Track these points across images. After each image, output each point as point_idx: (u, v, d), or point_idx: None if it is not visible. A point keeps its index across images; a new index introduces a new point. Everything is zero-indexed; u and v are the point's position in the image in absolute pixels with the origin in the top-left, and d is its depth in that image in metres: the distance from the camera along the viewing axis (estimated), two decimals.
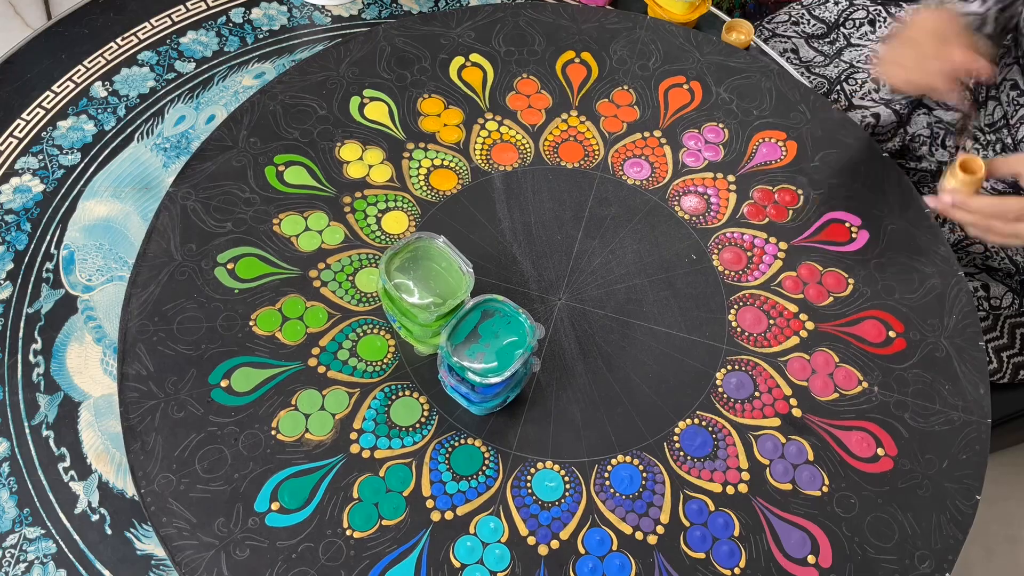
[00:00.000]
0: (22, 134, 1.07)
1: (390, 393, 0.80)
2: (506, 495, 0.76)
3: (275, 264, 0.85)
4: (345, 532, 0.73)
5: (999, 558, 1.48)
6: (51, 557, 0.84)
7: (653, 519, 0.76)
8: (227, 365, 0.78)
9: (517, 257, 0.88)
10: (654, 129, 0.99)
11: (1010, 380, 1.09)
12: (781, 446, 0.81)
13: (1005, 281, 1.09)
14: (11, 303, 0.96)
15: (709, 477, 0.79)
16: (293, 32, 1.18)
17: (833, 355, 0.86)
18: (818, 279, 0.90)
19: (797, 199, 0.96)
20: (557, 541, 0.75)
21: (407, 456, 0.77)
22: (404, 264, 0.76)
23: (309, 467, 0.75)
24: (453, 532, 0.74)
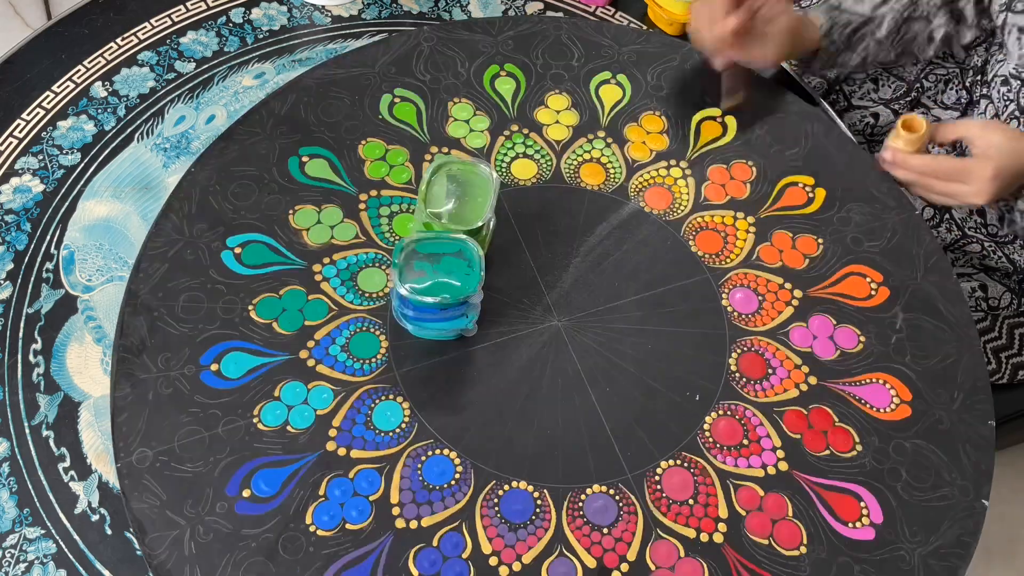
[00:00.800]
0: (22, 134, 1.07)
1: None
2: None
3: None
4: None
5: (999, 558, 1.48)
6: (51, 557, 0.84)
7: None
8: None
9: (503, 288, 0.87)
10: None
11: (1009, 381, 1.09)
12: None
13: (1003, 281, 1.09)
14: (11, 303, 0.97)
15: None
16: (293, 32, 1.18)
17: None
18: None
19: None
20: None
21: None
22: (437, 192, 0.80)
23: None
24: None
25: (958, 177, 0.88)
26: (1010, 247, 1.07)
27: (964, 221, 1.09)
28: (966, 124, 0.90)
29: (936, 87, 1.14)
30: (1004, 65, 0.99)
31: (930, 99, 1.15)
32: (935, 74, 1.14)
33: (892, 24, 1.00)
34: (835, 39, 0.99)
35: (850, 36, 0.99)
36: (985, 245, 1.08)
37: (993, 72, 1.01)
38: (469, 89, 0.99)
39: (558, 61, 1.03)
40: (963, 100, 1.12)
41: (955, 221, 1.09)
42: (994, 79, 1.01)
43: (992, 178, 0.86)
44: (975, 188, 0.87)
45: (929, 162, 0.90)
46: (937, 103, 1.14)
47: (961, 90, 1.11)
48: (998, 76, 1.00)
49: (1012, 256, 1.07)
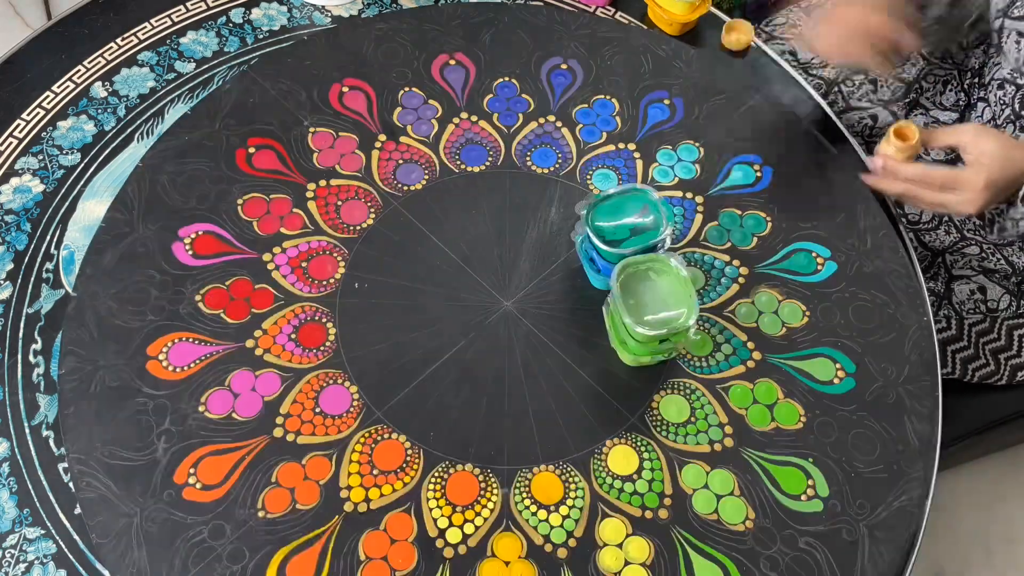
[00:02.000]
0: (22, 134, 1.07)
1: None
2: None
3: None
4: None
5: (999, 558, 1.48)
6: (51, 557, 0.84)
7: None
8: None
9: (470, 257, 0.88)
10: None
11: (1008, 382, 1.09)
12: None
13: (1002, 283, 1.09)
14: (11, 303, 0.97)
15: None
16: (293, 32, 1.18)
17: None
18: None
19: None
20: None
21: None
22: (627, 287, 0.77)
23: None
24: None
25: (950, 186, 0.88)
26: (1008, 249, 1.07)
27: (963, 224, 1.09)
28: (958, 131, 0.89)
29: (935, 88, 1.14)
30: (1000, 69, 0.99)
31: (929, 100, 1.15)
32: (934, 75, 1.14)
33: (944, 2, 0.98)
34: None
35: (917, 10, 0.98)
36: (984, 247, 1.08)
37: (990, 75, 1.01)
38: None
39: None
40: (961, 102, 1.11)
41: (954, 223, 1.09)
42: (991, 82, 1.00)
43: (984, 188, 0.86)
44: (967, 197, 0.87)
45: (920, 171, 0.89)
46: (936, 104, 1.14)
47: (960, 92, 1.11)
48: (995, 79, 1.00)
49: (1011, 258, 1.07)
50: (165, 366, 0.78)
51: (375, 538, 0.74)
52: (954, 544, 1.45)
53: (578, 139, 0.97)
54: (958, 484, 1.42)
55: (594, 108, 1.00)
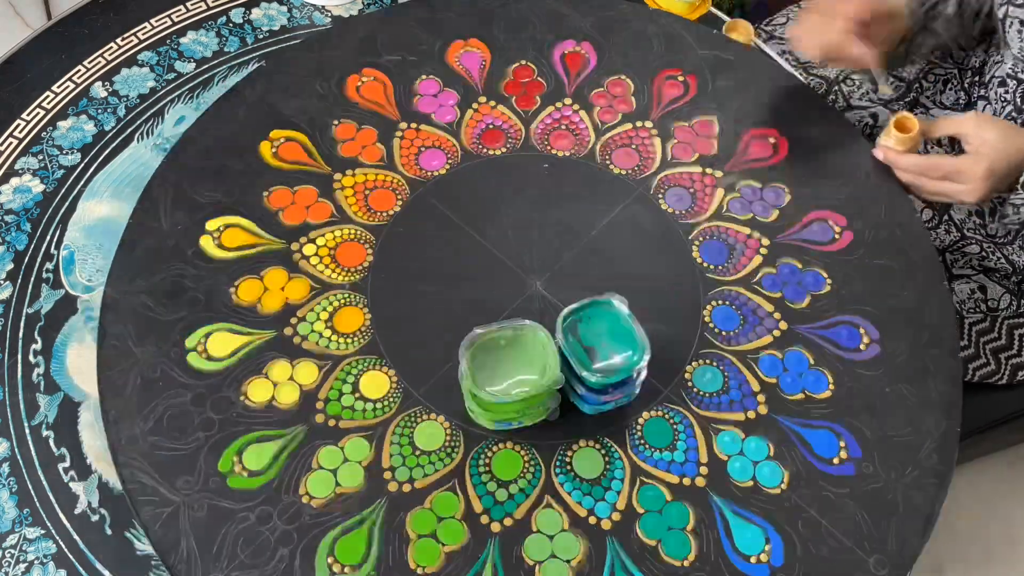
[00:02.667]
0: (22, 134, 1.07)
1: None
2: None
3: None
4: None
5: (999, 559, 1.48)
6: (51, 557, 0.84)
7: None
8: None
9: (481, 255, 0.88)
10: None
11: (1008, 381, 1.09)
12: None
13: (1002, 283, 1.09)
14: (11, 303, 0.97)
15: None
16: (293, 32, 1.18)
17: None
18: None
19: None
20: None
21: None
22: (481, 372, 0.74)
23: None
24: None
25: (951, 176, 0.88)
26: (1009, 248, 1.07)
27: (963, 222, 1.09)
28: (960, 120, 0.89)
29: (935, 87, 1.13)
30: (1001, 66, 0.99)
31: (929, 99, 1.15)
32: (934, 74, 1.14)
33: None
34: (917, 18, 0.97)
35: (927, 13, 0.98)
36: (984, 246, 1.08)
37: (991, 73, 1.01)
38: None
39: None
40: (961, 101, 1.11)
41: (954, 223, 1.09)
42: (991, 80, 1.00)
43: (985, 176, 0.86)
44: (968, 187, 0.87)
45: (921, 162, 0.90)
46: (936, 103, 1.14)
47: (960, 91, 1.11)
48: (995, 77, 0.99)
49: (1011, 257, 1.07)
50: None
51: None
52: (954, 543, 1.45)
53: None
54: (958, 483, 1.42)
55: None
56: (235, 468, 0.75)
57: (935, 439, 0.80)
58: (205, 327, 0.82)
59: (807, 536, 0.76)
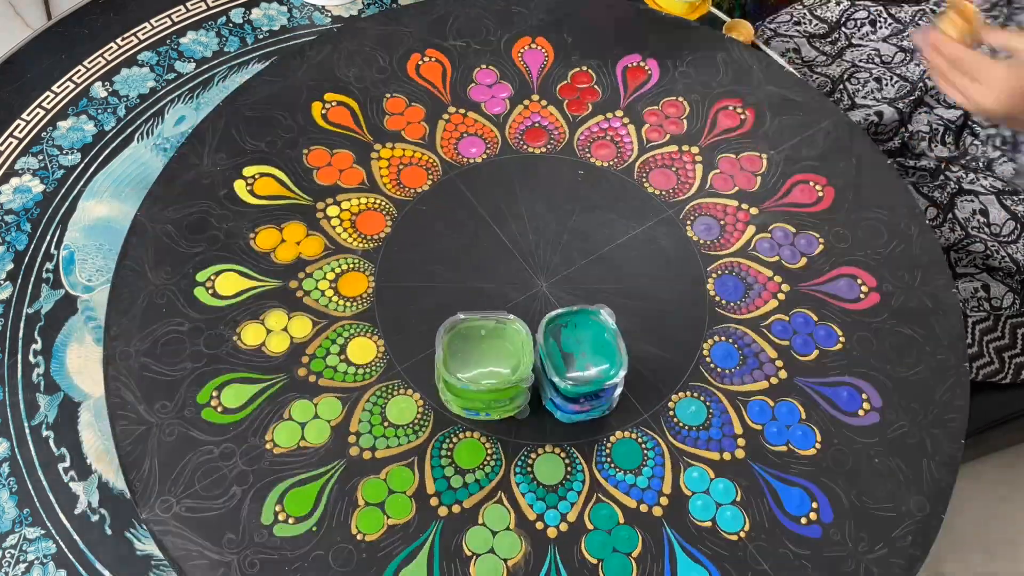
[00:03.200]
0: (22, 134, 1.07)
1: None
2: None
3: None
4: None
5: (999, 559, 1.48)
6: (51, 557, 0.84)
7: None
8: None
9: (494, 246, 0.88)
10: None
11: (1012, 380, 1.09)
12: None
13: (1005, 281, 1.09)
14: (11, 303, 0.96)
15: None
16: (293, 32, 1.18)
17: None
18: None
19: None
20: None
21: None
22: (455, 357, 0.74)
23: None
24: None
25: (977, 75, 0.85)
26: (1013, 246, 1.07)
27: (967, 221, 1.09)
28: (1017, 37, 0.86)
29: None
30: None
31: (933, 98, 1.15)
32: None
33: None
34: None
35: None
36: (988, 245, 1.08)
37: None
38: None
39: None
40: None
41: (958, 221, 1.09)
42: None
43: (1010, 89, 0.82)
44: (990, 93, 0.84)
45: (961, 53, 0.86)
46: (940, 102, 1.14)
47: (1006, 19, 1.10)
48: None
49: (1015, 255, 1.07)
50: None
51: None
52: (954, 544, 1.45)
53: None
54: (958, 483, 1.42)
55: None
56: (212, 402, 0.77)
57: (915, 521, 0.78)
58: (218, 265, 0.84)
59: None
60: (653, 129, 0.98)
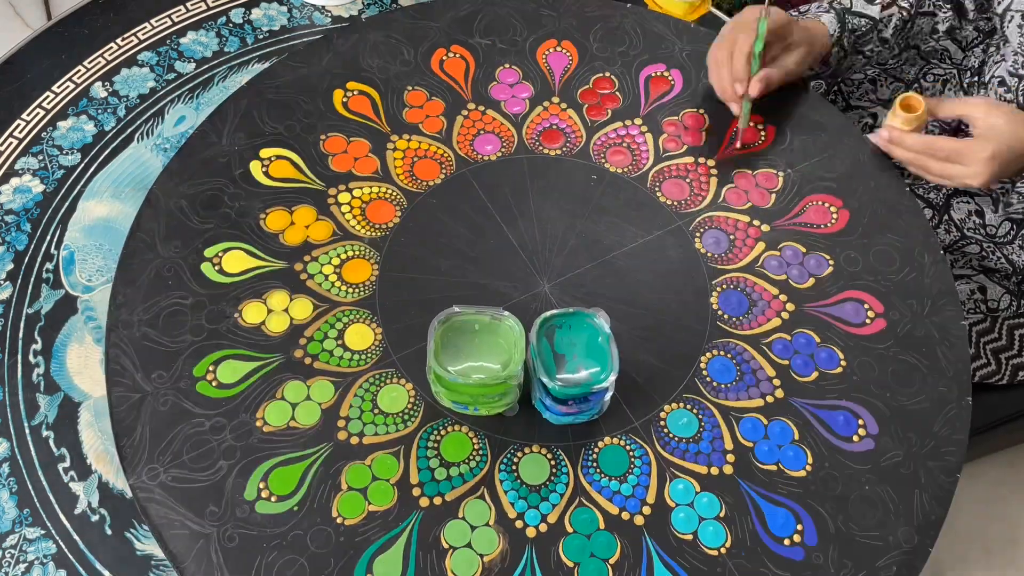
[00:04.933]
0: (22, 134, 1.07)
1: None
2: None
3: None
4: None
5: (999, 559, 1.48)
6: (51, 557, 0.84)
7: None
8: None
9: (500, 244, 0.89)
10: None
11: (1009, 381, 1.09)
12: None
13: (1002, 283, 1.09)
14: (11, 303, 0.97)
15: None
16: (293, 32, 1.18)
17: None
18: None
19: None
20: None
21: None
22: (447, 350, 0.75)
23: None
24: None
25: (955, 158, 0.87)
26: (1009, 247, 1.07)
27: (963, 222, 1.09)
28: (969, 103, 0.89)
29: (933, 87, 1.13)
30: (1001, 66, 0.99)
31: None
32: (933, 74, 1.14)
33: (898, 23, 0.99)
34: (844, 45, 0.99)
35: (857, 40, 0.99)
36: (984, 246, 1.08)
37: (990, 73, 1.01)
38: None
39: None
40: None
41: (954, 222, 1.09)
42: (991, 80, 1.00)
43: (989, 159, 0.85)
44: (972, 170, 0.86)
45: (926, 142, 0.89)
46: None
47: (959, 91, 1.11)
48: (995, 77, 0.99)
49: (1011, 257, 1.07)
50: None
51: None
52: (954, 544, 1.45)
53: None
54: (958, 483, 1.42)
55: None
56: (207, 376, 0.77)
57: (902, 552, 0.77)
58: (226, 243, 0.84)
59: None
60: (670, 139, 0.98)
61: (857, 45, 1.00)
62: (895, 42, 1.01)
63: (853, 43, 1.00)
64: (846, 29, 0.99)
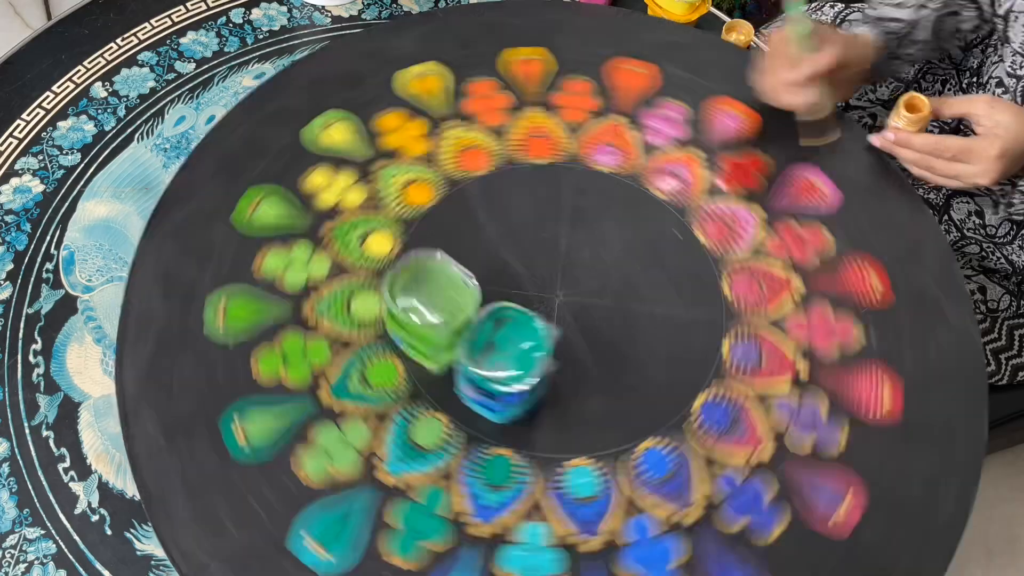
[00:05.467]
0: (22, 134, 1.07)
1: (408, 416, 0.78)
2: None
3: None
4: (391, 563, 0.72)
5: (999, 559, 1.48)
6: (51, 558, 0.84)
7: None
8: (236, 416, 0.76)
9: (507, 261, 0.87)
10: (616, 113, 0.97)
11: (1009, 381, 1.09)
12: (796, 409, 0.80)
13: (1002, 283, 1.09)
14: (11, 303, 0.97)
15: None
16: (293, 32, 1.18)
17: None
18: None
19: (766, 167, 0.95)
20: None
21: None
22: (407, 285, 0.76)
23: (341, 503, 0.74)
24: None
25: (962, 157, 0.86)
26: (1008, 248, 1.07)
27: (963, 223, 1.09)
28: (972, 101, 0.88)
29: (933, 87, 1.13)
30: (999, 66, 0.99)
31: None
32: (932, 73, 1.14)
33: (931, 24, 0.98)
34: (888, 50, 0.98)
35: (898, 44, 0.98)
36: (984, 246, 1.08)
37: (988, 74, 1.01)
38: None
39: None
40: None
41: (954, 223, 1.09)
42: (989, 81, 1.00)
43: (998, 157, 0.84)
44: (980, 168, 0.86)
45: (933, 141, 0.88)
46: None
47: (957, 91, 1.11)
48: (993, 78, 0.99)
49: (1011, 257, 1.07)
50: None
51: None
52: None
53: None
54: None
55: None
56: (217, 317, 0.78)
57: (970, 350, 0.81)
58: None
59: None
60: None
61: (899, 49, 0.98)
62: (932, 46, 0.99)
63: (896, 46, 0.98)
64: (886, 35, 0.97)
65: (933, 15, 0.97)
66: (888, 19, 0.97)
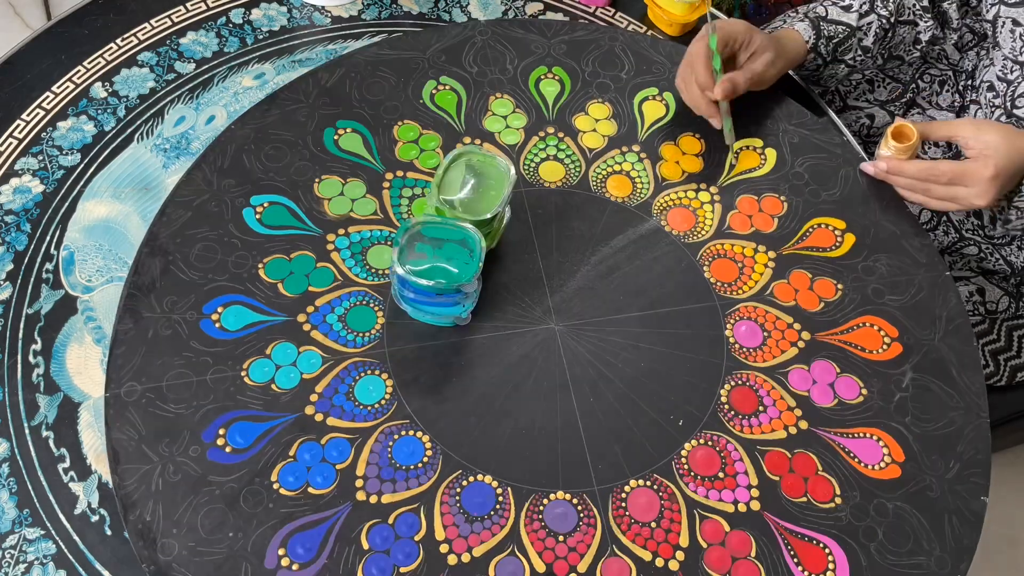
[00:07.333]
0: (22, 135, 1.07)
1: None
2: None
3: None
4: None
5: (999, 559, 1.48)
6: (51, 558, 0.84)
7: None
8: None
9: (508, 284, 0.87)
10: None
11: (1007, 382, 1.10)
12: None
13: (1001, 284, 1.10)
14: (11, 303, 0.97)
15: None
16: (293, 33, 1.18)
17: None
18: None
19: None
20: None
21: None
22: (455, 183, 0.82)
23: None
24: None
25: (958, 180, 0.87)
26: (1007, 248, 1.07)
27: (961, 224, 1.09)
28: (958, 124, 0.89)
29: (931, 88, 1.13)
30: (990, 70, 0.99)
31: (925, 100, 1.15)
32: (929, 74, 1.14)
33: (878, 31, 0.99)
34: (821, 52, 0.98)
35: (835, 48, 0.99)
36: (982, 247, 1.08)
37: (980, 77, 1.01)
38: (513, 86, 0.99)
39: (607, 71, 1.02)
40: (956, 104, 1.11)
41: (952, 224, 1.10)
42: (981, 84, 1.00)
43: (993, 177, 0.85)
44: (977, 190, 0.86)
45: (927, 167, 0.89)
46: (932, 104, 1.14)
47: (955, 93, 1.11)
48: (984, 82, 0.99)
49: (1009, 258, 1.07)
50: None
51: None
52: None
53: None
54: None
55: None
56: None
57: None
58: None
59: None
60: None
61: (837, 53, 1.00)
62: (878, 51, 1.01)
63: (832, 51, 0.99)
64: (822, 36, 0.98)
65: (878, 23, 0.98)
66: (831, 20, 0.98)
